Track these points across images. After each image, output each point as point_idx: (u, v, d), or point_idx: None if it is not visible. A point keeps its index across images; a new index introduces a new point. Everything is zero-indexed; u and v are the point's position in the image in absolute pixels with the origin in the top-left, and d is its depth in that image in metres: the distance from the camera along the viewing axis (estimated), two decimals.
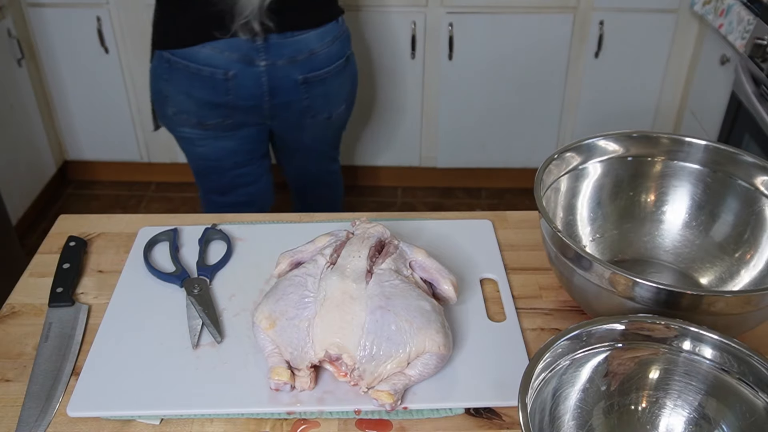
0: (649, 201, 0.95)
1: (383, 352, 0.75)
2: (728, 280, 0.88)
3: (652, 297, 0.71)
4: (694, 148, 0.91)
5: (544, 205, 0.83)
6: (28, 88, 2.54)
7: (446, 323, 0.79)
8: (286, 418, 0.75)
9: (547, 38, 2.44)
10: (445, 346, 0.76)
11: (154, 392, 0.77)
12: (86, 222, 1.05)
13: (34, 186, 2.63)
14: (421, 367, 0.76)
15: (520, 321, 0.87)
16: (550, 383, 0.67)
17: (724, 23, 2.07)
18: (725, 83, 2.09)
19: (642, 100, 2.59)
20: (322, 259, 0.83)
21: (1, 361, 0.82)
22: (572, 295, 0.85)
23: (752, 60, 1.87)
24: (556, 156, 0.88)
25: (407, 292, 0.79)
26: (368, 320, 0.76)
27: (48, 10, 2.45)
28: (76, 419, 0.75)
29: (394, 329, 0.75)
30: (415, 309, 0.77)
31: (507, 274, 0.94)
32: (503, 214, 1.06)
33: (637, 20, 2.41)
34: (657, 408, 0.71)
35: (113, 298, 0.90)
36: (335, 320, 0.76)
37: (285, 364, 0.76)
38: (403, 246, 0.87)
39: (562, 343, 0.67)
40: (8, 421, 0.75)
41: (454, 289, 0.84)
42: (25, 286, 0.94)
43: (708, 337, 0.68)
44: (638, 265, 0.94)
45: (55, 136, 2.73)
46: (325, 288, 0.79)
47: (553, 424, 0.68)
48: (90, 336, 0.85)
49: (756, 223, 0.87)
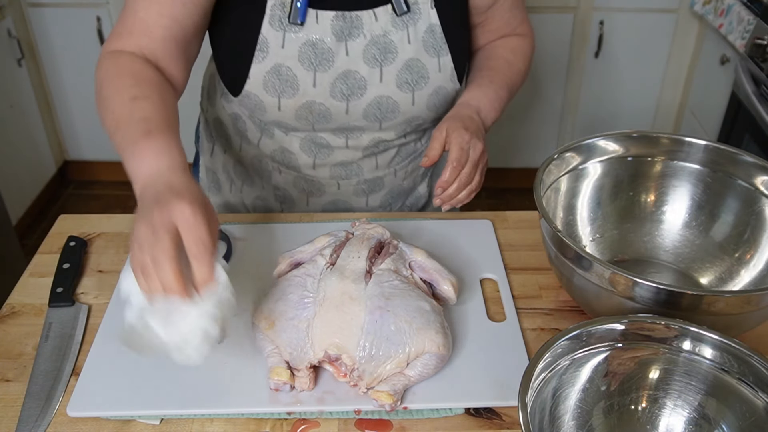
0: (649, 201, 0.95)
1: (382, 353, 0.75)
2: (728, 280, 0.88)
3: (652, 297, 0.71)
4: (694, 148, 0.91)
5: (544, 205, 0.83)
6: (28, 88, 2.54)
7: (446, 323, 0.79)
8: (286, 418, 0.75)
9: (547, 38, 2.44)
10: (444, 346, 0.76)
11: (154, 392, 0.77)
12: (86, 222, 1.05)
13: (34, 186, 2.63)
14: (420, 367, 0.75)
15: (520, 321, 0.87)
16: (550, 383, 0.67)
17: (724, 23, 2.07)
18: (725, 83, 2.09)
19: (642, 100, 2.59)
20: (321, 260, 0.83)
21: (1, 361, 0.82)
22: (572, 295, 0.85)
23: (752, 60, 1.87)
24: (556, 156, 0.88)
25: (406, 292, 0.79)
26: (367, 321, 0.76)
27: (48, 10, 2.45)
28: (76, 419, 0.75)
29: (393, 329, 0.75)
30: (414, 309, 0.77)
31: (507, 274, 0.94)
32: (503, 214, 1.06)
33: (637, 20, 2.41)
34: (657, 408, 0.71)
35: (113, 298, 0.90)
36: (334, 321, 0.76)
37: (284, 364, 0.76)
38: (402, 246, 0.87)
39: (562, 343, 0.67)
40: (8, 421, 0.75)
41: (454, 290, 0.84)
42: (25, 286, 0.94)
43: (708, 337, 0.68)
44: (638, 265, 0.94)
45: (55, 136, 2.73)
46: (325, 288, 0.79)
47: (553, 424, 0.68)
48: (90, 336, 0.85)
49: (756, 223, 0.87)
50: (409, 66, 0.97)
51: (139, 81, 0.85)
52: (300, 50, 0.94)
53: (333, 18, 0.93)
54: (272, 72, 0.95)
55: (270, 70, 0.95)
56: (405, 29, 0.96)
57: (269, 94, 0.97)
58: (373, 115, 1.01)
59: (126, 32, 0.90)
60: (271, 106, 0.98)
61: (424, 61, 0.98)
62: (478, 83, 1.03)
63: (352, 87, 0.97)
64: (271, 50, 0.94)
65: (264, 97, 0.97)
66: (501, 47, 1.09)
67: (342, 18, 0.93)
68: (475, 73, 1.07)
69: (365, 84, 0.97)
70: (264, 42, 0.94)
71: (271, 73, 0.95)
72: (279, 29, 0.93)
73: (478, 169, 0.96)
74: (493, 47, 1.10)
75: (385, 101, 0.99)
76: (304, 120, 1.00)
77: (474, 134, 0.95)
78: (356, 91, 0.97)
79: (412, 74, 0.98)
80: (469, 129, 0.95)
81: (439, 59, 0.99)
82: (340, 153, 1.06)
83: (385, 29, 0.96)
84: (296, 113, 0.99)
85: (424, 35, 0.97)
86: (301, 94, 0.96)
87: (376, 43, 0.96)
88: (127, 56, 0.89)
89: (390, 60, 0.96)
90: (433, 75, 0.99)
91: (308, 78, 0.95)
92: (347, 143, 1.05)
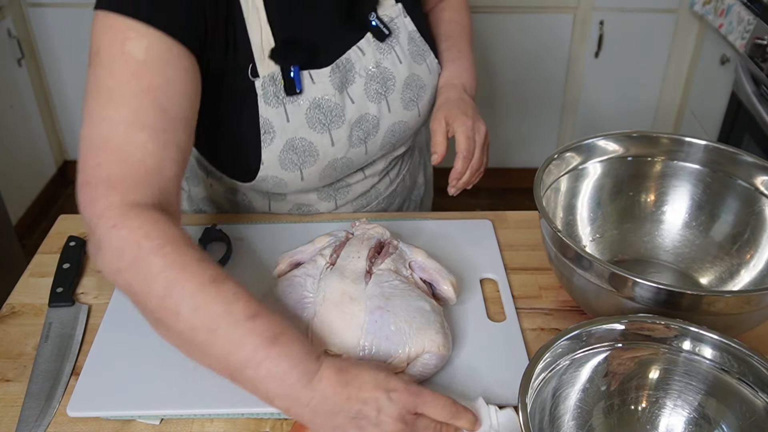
0: (649, 201, 0.95)
1: (382, 353, 0.75)
2: (728, 280, 0.88)
3: (652, 297, 0.71)
4: (694, 148, 0.91)
5: (544, 205, 0.83)
6: (28, 88, 2.54)
7: (446, 323, 0.79)
8: (286, 418, 0.75)
9: (547, 38, 2.44)
10: (444, 346, 0.76)
11: (154, 392, 0.77)
12: None
13: (34, 186, 2.63)
14: (420, 367, 0.75)
15: (520, 321, 0.87)
16: (550, 383, 0.67)
17: (724, 23, 2.07)
18: (725, 83, 2.09)
19: (642, 100, 2.59)
20: (321, 260, 0.83)
21: (1, 361, 0.82)
22: (572, 295, 0.85)
23: (752, 60, 1.87)
24: (556, 156, 0.88)
25: (406, 292, 0.79)
26: (367, 321, 0.76)
27: (48, 10, 2.45)
28: (76, 419, 0.75)
29: (393, 330, 0.75)
30: (414, 309, 0.77)
31: (507, 274, 0.94)
32: (503, 214, 1.06)
33: (637, 20, 2.41)
34: (657, 408, 0.71)
35: (113, 298, 0.90)
36: (334, 321, 0.76)
37: None
38: (402, 246, 0.87)
39: (562, 343, 0.67)
40: (8, 421, 0.75)
41: (454, 290, 0.84)
42: (25, 286, 0.94)
43: (708, 337, 0.68)
44: (638, 265, 0.94)
45: (55, 136, 2.73)
46: (325, 288, 0.78)
47: (553, 424, 0.68)
48: (90, 336, 0.85)
49: (756, 223, 0.87)
50: (408, 84, 0.97)
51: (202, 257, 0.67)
52: (307, 117, 0.89)
53: (330, 73, 0.90)
54: (286, 149, 0.90)
55: (284, 148, 0.90)
56: (392, 51, 0.95)
57: (289, 171, 0.92)
58: (389, 144, 1.00)
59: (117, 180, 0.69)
60: (293, 180, 0.94)
61: (417, 72, 0.98)
62: (450, 58, 1.04)
63: (366, 129, 0.95)
64: (277, 129, 0.89)
65: (284, 175, 0.93)
66: (446, 9, 1.10)
67: (337, 68, 0.91)
68: (440, 47, 1.06)
69: (377, 121, 0.96)
70: (267, 124, 0.88)
71: (285, 150, 0.90)
72: (278, 105, 0.88)
73: (483, 150, 0.98)
74: (439, 11, 1.10)
75: (397, 127, 0.99)
76: (329, 178, 0.98)
77: (473, 117, 0.96)
78: (371, 131, 0.96)
79: (412, 91, 0.97)
80: (467, 113, 0.95)
81: (426, 62, 0.99)
82: (359, 186, 1.05)
83: (376, 59, 0.94)
84: (320, 176, 0.96)
85: (409, 47, 0.97)
86: (323, 158, 0.93)
87: (374, 78, 0.94)
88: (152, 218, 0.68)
89: (391, 88, 0.95)
90: (427, 80, 0.99)
91: (325, 140, 0.92)
92: (365, 174, 1.04)
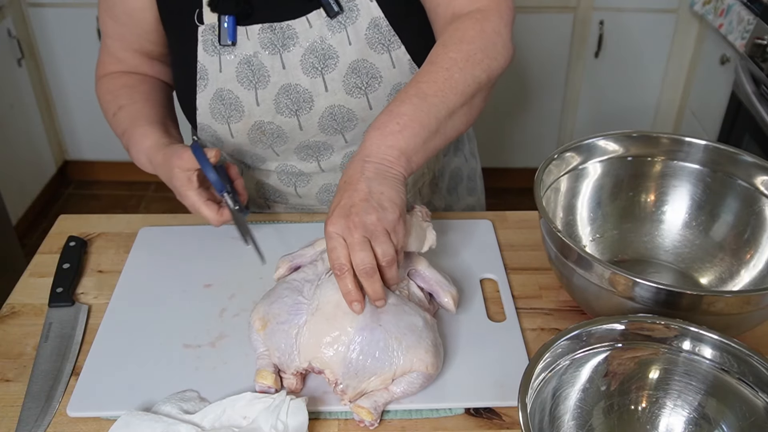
0: (649, 201, 0.95)
1: (368, 370, 0.74)
2: (728, 280, 0.88)
3: (652, 297, 0.71)
4: (694, 148, 0.91)
5: (544, 205, 0.83)
6: (28, 88, 2.54)
7: (438, 340, 0.78)
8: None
9: (547, 38, 2.44)
10: (433, 365, 0.75)
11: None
12: (86, 222, 1.05)
13: (34, 186, 2.63)
14: (405, 385, 0.74)
15: (520, 321, 0.87)
16: (550, 383, 0.67)
17: (724, 23, 2.07)
18: (725, 83, 2.09)
19: (642, 100, 2.59)
20: (321, 265, 0.82)
21: (1, 361, 0.82)
22: (572, 295, 0.85)
23: (752, 60, 1.87)
24: (556, 156, 0.88)
25: (400, 307, 0.77)
26: (356, 337, 0.74)
27: (48, 10, 2.45)
28: (76, 419, 0.75)
29: (382, 346, 0.74)
30: (405, 326, 0.75)
31: (507, 274, 0.94)
32: (503, 214, 1.06)
33: (637, 20, 2.41)
34: (657, 408, 0.71)
35: (113, 298, 0.90)
36: (323, 333, 0.75)
37: (272, 367, 0.76)
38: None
39: (562, 343, 0.67)
40: (8, 421, 0.75)
41: (454, 302, 0.83)
42: (25, 286, 0.94)
43: (708, 337, 0.68)
44: (638, 265, 0.94)
45: (55, 136, 2.73)
46: (319, 297, 0.77)
47: (553, 424, 0.68)
48: (90, 336, 0.85)
49: (756, 223, 0.87)
50: (356, 69, 0.92)
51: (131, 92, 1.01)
52: (237, 71, 0.92)
53: (259, 31, 0.91)
54: (216, 98, 0.94)
55: (213, 97, 0.94)
56: (343, 30, 0.91)
57: (218, 122, 0.95)
58: (330, 128, 0.96)
59: (106, 62, 1.05)
60: (224, 134, 0.97)
61: (372, 60, 0.92)
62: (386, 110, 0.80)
63: (296, 101, 0.93)
64: (210, 76, 0.93)
65: (215, 126, 0.96)
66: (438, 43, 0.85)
67: (270, 30, 0.91)
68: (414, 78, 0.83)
69: (310, 96, 0.93)
70: (203, 69, 0.93)
71: (215, 99, 0.94)
72: (214, 54, 0.92)
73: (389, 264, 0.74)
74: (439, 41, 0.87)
75: (338, 111, 0.95)
76: (260, 143, 0.98)
77: (347, 213, 0.72)
78: (303, 105, 0.94)
79: (360, 77, 0.92)
80: (354, 221, 0.72)
81: (390, 54, 0.92)
82: (318, 178, 1.04)
83: (322, 34, 0.91)
84: (249, 137, 0.97)
85: (367, 32, 0.91)
86: (248, 116, 0.94)
87: (314, 51, 0.91)
88: (110, 77, 1.03)
89: (331, 66, 0.92)
90: (387, 73, 0.93)
91: (250, 97, 0.93)
92: (320, 166, 1.02)
